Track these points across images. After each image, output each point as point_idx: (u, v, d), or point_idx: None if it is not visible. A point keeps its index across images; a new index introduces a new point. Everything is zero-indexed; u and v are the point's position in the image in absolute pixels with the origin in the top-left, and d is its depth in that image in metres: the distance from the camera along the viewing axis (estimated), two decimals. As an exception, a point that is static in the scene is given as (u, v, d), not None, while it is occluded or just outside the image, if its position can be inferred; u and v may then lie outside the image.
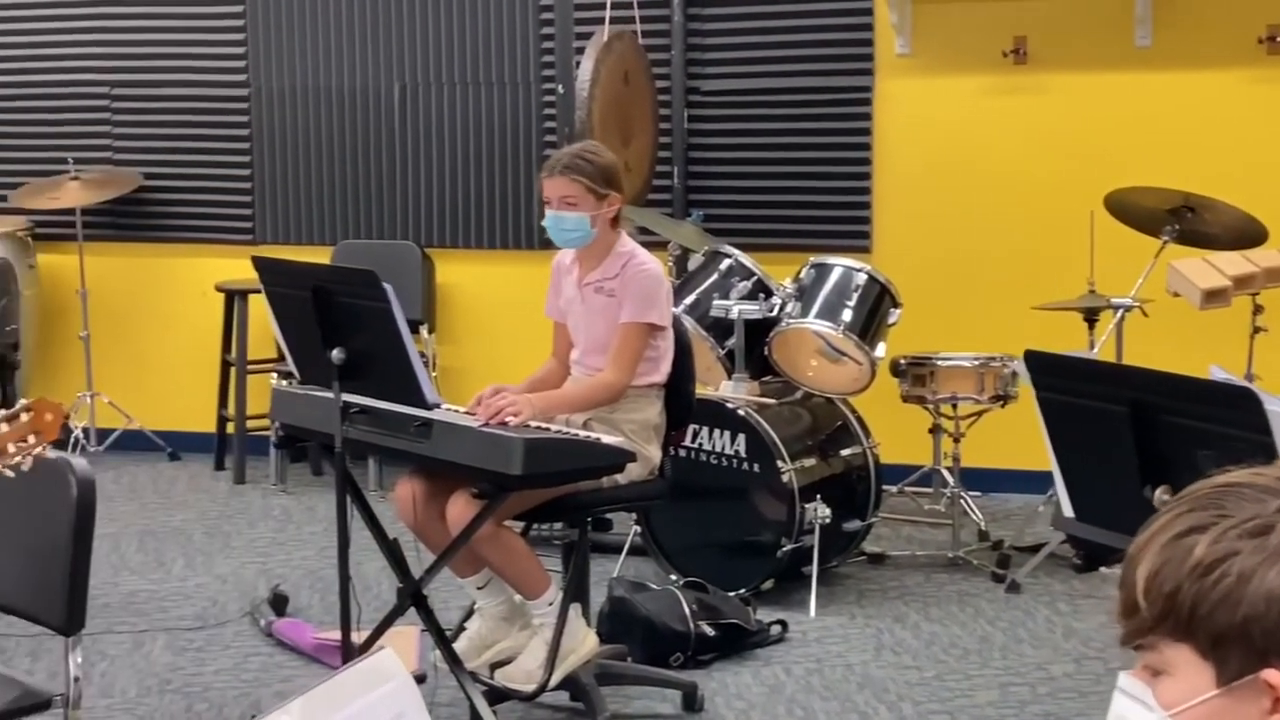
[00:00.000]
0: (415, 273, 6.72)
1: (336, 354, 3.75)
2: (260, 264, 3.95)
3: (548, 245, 6.85)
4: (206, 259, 7.17)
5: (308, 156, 7.01)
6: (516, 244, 6.74)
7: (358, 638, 3.96)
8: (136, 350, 7.29)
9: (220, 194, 7.14)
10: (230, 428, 6.94)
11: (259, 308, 6.95)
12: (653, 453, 4.08)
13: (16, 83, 7.25)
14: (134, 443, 7.13)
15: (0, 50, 7.26)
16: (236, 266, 7.16)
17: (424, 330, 6.55)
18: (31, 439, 2.77)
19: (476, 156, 6.78)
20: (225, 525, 6.20)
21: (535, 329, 6.68)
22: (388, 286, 3.67)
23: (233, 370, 6.91)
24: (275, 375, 6.77)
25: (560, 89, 5.81)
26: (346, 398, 3.81)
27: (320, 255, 6.68)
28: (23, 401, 2.78)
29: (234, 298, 6.87)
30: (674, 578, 5.09)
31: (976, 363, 5.40)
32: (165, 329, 7.28)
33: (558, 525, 4.46)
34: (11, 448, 2.76)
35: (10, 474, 2.78)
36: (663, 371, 4.13)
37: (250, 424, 6.86)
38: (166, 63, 7.10)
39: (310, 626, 4.86)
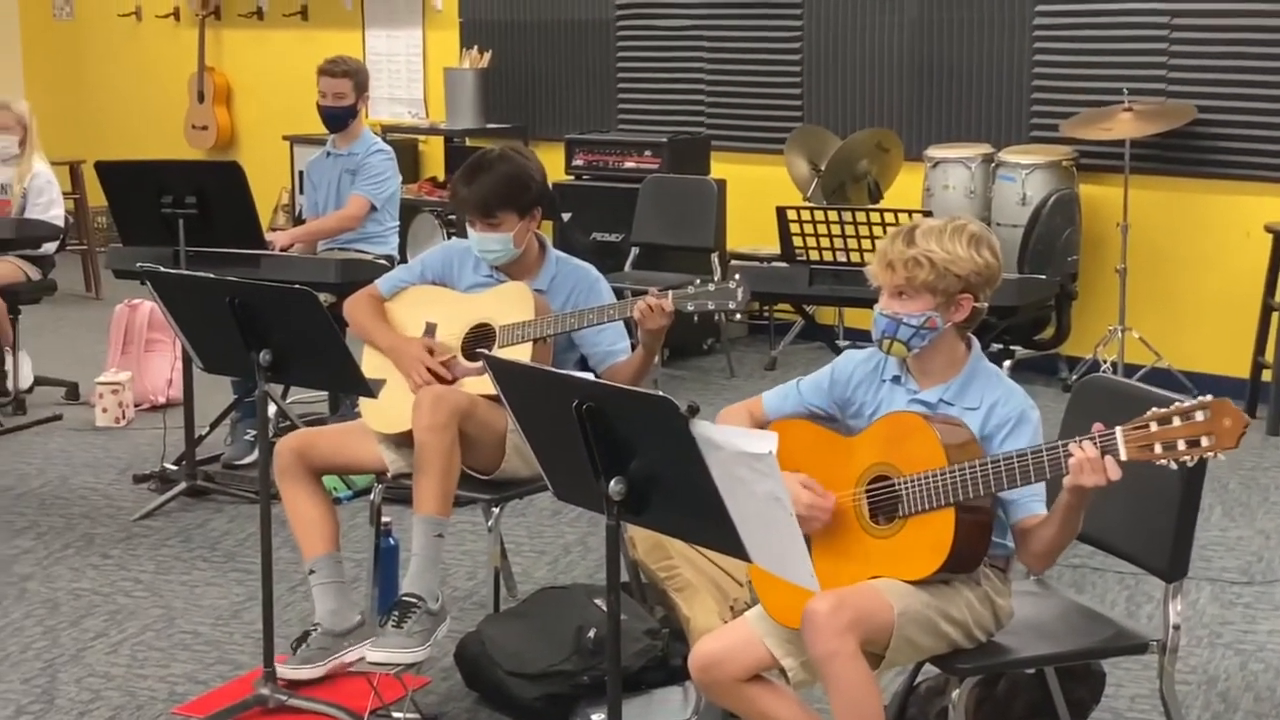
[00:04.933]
0: None
1: None
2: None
3: None
4: (1255, 197, 6.85)
5: (1380, 92, 6.50)
6: None
7: None
8: (1171, 287, 7.14)
9: (1277, 130, 6.78)
10: (1266, 375, 6.64)
11: (1308, 250, 6.57)
12: None
13: (1078, 11, 7.26)
14: (1159, 381, 6.88)
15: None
16: (1290, 206, 6.84)
17: None
18: (1205, 440, 2.63)
19: None
20: (1262, 478, 5.93)
21: None
22: None
23: (1275, 316, 6.59)
24: (1324, 324, 6.41)
25: None
26: None
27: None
28: (1202, 399, 2.65)
29: (1283, 239, 6.55)
30: None
31: None
32: (1203, 267, 7.07)
33: None
34: (1181, 444, 2.65)
35: (1174, 467, 2.68)
36: None
37: (1289, 373, 6.53)
38: (1228, -9, 6.84)
39: (1373, 601, 4.52)
